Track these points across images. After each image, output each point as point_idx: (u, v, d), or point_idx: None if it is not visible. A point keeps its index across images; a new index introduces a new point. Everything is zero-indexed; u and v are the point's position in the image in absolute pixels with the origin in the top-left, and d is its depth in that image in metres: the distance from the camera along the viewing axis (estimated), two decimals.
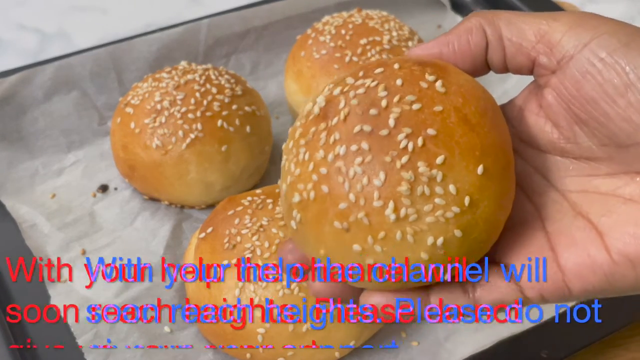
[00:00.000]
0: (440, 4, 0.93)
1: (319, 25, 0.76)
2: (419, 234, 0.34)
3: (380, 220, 0.34)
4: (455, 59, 0.38)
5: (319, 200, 0.35)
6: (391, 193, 0.34)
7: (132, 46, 0.78)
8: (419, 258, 0.34)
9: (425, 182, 0.34)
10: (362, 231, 0.34)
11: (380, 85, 0.36)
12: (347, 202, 0.34)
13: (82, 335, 0.56)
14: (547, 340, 0.55)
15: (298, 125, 0.38)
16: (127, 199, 0.69)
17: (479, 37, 0.37)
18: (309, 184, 0.36)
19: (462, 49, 0.38)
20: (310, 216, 0.36)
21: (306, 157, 0.36)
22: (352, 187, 0.34)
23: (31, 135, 0.73)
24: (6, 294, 0.60)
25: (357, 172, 0.34)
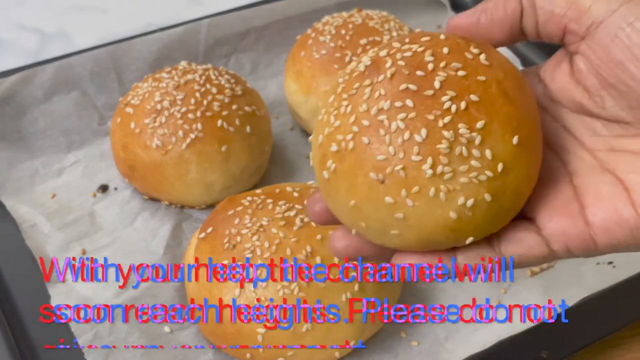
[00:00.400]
0: (440, 4, 0.93)
1: (319, 25, 0.76)
2: (451, 193, 0.35)
3: (417, 174, 0.35)
4: (493, 26, 0.39)
5: (357, 151, 0.36)
6: (430, 150, 0.35)
7: (132, 46, 0.78)
8: (447, 217, 0.35)
9: (464, 143, 0.35)
10: (397, 184, 0.35)
11: (428, 50, 0.37)
12: (386, 154, 0.35)
13: (82, 335, 0.56)
14: (547, 340, 0.55)
15: (340, 82, 0.39)
16: (127, 199, 0.69)
17: (514, 4, 0.39)
18: (349, 135, 0.36)
19: (499, 15, 0.39)
20: (345, 166, 0.36)
21: (348, 109, 0.37)
22: (393, 140, 0.35)
23: (31, 135, 0.73)
24: (6, 294, 0.60)
25: (400, 127, 0.35)
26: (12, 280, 0.61)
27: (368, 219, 0.36)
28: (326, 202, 0.39)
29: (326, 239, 0.54)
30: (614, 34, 0.35)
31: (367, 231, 0.37)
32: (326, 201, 0.39)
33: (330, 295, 0.52)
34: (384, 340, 0.57)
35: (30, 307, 0.59)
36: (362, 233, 0.38)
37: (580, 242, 0.36)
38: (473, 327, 0.57)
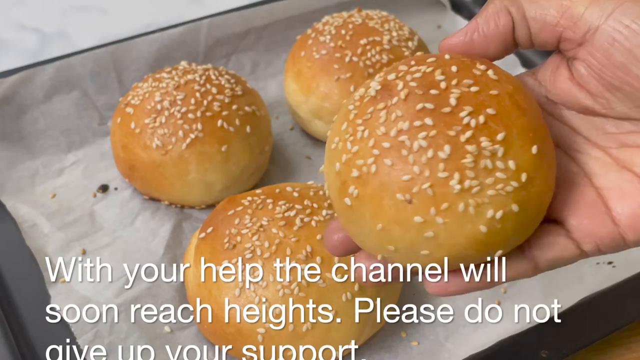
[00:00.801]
0: (440, 4, 0.93)
1: (319, 25, 0.76)
2: (480, 207, 0.35)
3: (445, 191, 0.35)
4: (487, 42, 0.39)
5: (380, 174, 0.36)
6: (456, 165, 0.35)
7: (132, 46, 0.78)
8: (477, 231, 0.35)
9: (487, 156, 0.35)
10: (425, 202, 0.35)
11: (437, 70, 0.38)
12: (411, 174, 0.35)
13: (82, 335, 0.56)
14: (547, 340, 0.55)
15: (351, 108, 0.39)
16: (127, 199, 0.69)
17: (505, 18, 0.39)
18: (370, 159, 0.36)
19: (491, 32, 0.39)
20: (369, 190, 0.36)
21: (365, 134, 0.37)
22: (417, 159, 0.35)
23: (31, 135, 0.73)
24: (6, 293, 0.60)
25: (422, 145, 0.35)
26: (12, 280, 0.61)
27: (397, 241, 0.36)
28: (347, 230, 0.39)
29: None
30: (613, 38, 0.35)
31: (395, 254, 0.37)
32: (347, 229, 0.39)
33: (330, 295, 0.52)
34: (384, 340, 0.57)
35: (31, 307, 0.59)
36: (390, 257, 0.37)
37: (610, 241, 0.36)
38: (473, 327, 0.58)
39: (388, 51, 0.71)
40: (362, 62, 0.71)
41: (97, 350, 0.55)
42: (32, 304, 0.59)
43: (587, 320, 0.57)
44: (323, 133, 0.74)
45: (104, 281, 0.61)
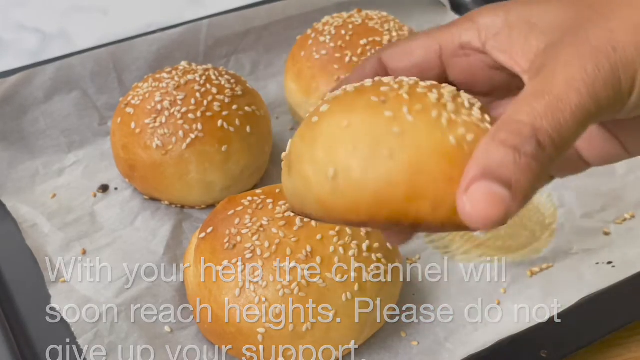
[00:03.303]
0: (440, 4, 0.93)
1: (319, 26, 0.76)
2: (453, 123, 0.33)
3: (421, 99, 0.34)
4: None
5: (358, 89, 0.36)
6: (436, 90, 0.36)
7: (133, 46, 0.78)
8: (446, 141, 0.33)
9: (465, 99, 0.36)
10: (399, 101, 0.34)
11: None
12: (390, 87, 0.35)
13: (82, 335, 0.56)
14: (547, 340, 0.55)
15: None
16: (128, 199, 0.69)
17: (372, 64, 0.42)
18: (351, 88, 0.37)
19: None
20: (343, 99, 0.36)
21: (349, 89, 0.37)
22: (398, 81, 0.36)
23: (32, 135, 0.73)
24: (7, 293, 0.60)
25: (404, 79, 0.37)
26: (12, 280, 0.61)
27: (359, 139, 0.33)
28: (302, 156, 0.36)
29: (326, 238, 0.54)
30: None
31: (351, 160, 0.33)
32: (302, 155, 0.36)
33: (330, 295, 0.52)
34: (384, 340, 0.57)
35: (31, 307, 0.59)
36: (344, 166, 0.33)
37: None
38: (473, 327, 0.58)
39: None
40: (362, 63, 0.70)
41: (97, 350, 0.55)
42: (32, 304, 0.59)
43: (587, 320, 0.57)
44: None
45: (104, 281, 0.61)
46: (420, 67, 0.40)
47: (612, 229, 0.66)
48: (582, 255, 0.63)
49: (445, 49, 0.39)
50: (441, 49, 0.39)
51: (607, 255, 0.63)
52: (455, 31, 0.39)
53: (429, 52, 0.39)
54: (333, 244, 0.53)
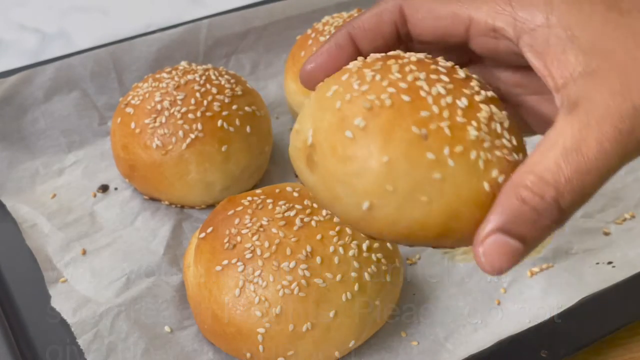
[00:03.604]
0: None
1: (319, 26, 0.76)
2: (488, 163, 0.34)
3: (462, 135, 0.34)
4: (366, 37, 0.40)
5: (397, 106, 0.34)
6: (473, 116, 0.34)
7: (132, 46, 0.78)
8: (480, 188, 0.33)
9: (497, 121, 0.35)
10: (442, 140, 0.33)
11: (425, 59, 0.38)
12: (430, 112, 0.34)
13: (82, 335, 0.56)
14: (547, 340, 0.55)
15: (351, 67, 0.37)
16: (128, 199, 0.69)
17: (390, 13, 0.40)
18: (384, 94, 0.35)
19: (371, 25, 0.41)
20: (382, 121, 0.34)
21: (377, 77, 0.36)
22: (436, 101, 0.34)
23: (32, 135, 0.73)
24: (7, 293, 0.60)
25: (441, 92, 0.35)
26: (12, 280, 0.61)
27: (399, 179, 0.33)
28: (324, 176, 0.35)
29: (326, 238, 0.54)
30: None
31: (389, 198, 0.33)
32: (325, 175, 0.35)
33: (330, 295, 0.52)
34: (384, 339, 0.57)
35: (31, 307, 0.59)
36: (380, 203, 0.33)
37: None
38: (473, 327, 0.58)
39: None
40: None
41: (97, 350, 0.55)
42: (32, 304, 0.59)
43: (587, 320, 0.57)
44: None
45: (104, 281, 0.61)
46: (443, 33, 0.38)
47: (612, 229, 0.66)
48: (582, 255, 0.63)
49: (475, 26, 0.37)
50: (470, 23, 0.37)
51: (607, 255, 0.63)
52: (490, 11, 0.37)
53: (457, 23, 0.38)
54: (333, 244, 0.53)
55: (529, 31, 0.35)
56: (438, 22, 0.38)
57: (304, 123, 0.37)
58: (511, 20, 0.36)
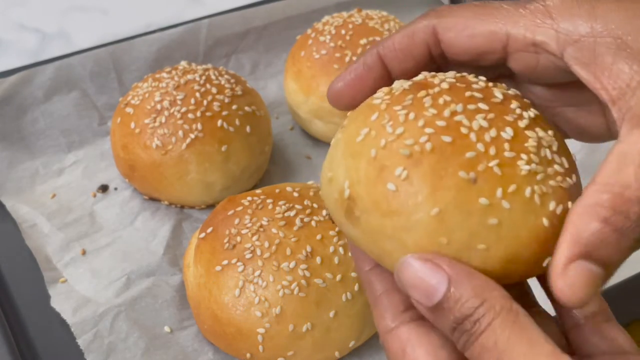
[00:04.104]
0: (440, 4, 0.93)
1: (319, 25, 0.76)
2: (544, 197, 0.31)
3: (512, 172, 0.31)
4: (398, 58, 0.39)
5: (439, 151, 0.31)
6: (521, 147, 0.32)
7: (132, 46, 0.78)
8: (540, 225, 0.31)
9: (546, 146, 0.33)
10: (493, 182, 0.31)
11: (463, 78, 0.36)
12: (476, 151, 0.31)
13: (82, 335, 0.56)
14: None
15: (378, 102, 0.35)
16: (127, 199, 0.69)
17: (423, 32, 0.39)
18: (423, 137, 0.32)
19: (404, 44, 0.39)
20: (425, 169, 0.31)
21: (411, 116, 0.33)
22: (480, 137, 0.32)
23: (31, 135, 0.73)
24: (7, 293, 0.60)
25: (483, 125, 0.32)
26: (12, 280, 0.61)
27: (453, 231, 0.31)
28: (379, 228, 0.32)
29: (326, 238, 0.54)
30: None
31: (444, 251, 0.31)
32: (373, 229, 0.32)
33: (330, 295, 0.52)
34: None
35: (30, 307, 0.59)
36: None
37: None
38: None
39: None
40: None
41: (97, 351, 0.55)
42: (32, 304, 0.59)
43: None
44: (323, 133, 0.74)
45: (104, 281, 0.61)
46: (480, 52, 0.36)
47: None
48: None
49: (514, 41, 0.35)
50: (508, 39, 0.35)
51: None
52: (528, 24, 0.34)
53: (493, 39, 0.35)
54: (333, 244, 0.53)
55: (573, 43, 0.33)
56: (474, 41, 0.36)
57: (336, 170, 0.34)
58: (553, 32, 0.34)
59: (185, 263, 0.58)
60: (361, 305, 0.53)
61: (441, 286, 0.30)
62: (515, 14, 0.35)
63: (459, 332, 0.30)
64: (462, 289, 0.30)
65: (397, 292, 0.34)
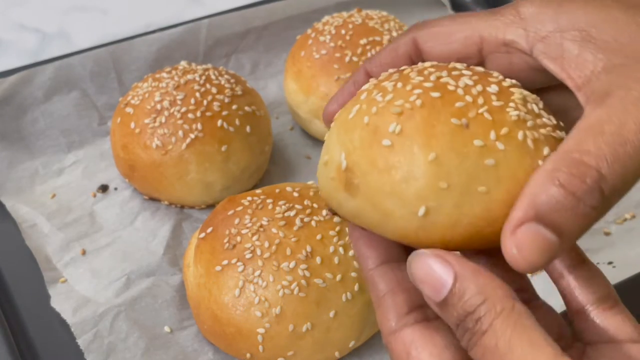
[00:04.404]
0: (440, 4, 0.93)
1: (319, 25, 0.76)
2: (537, 142, 0.32)
3: (503, 118, 0.32)
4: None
5: (429, 105, 0.33)
6: (507, 99, 0.33)
7: (132, 46, 0.78)
8: (537, 166, 0.31)
9: (531, 101, 0.34)
10: (484, 126, 0.32)
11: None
12: (464, 102, 0.33)
13: (82, 335, 0.56)
14: None
15: (366, 87, 0.36)
16: (127, 199, 0.69)
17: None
18: (412, 97, 0.33)
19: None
20: (417, 121, 0.32)
21: (399, 85, 0.34)
22: (467, 91, 0.33)
23: (31, 135, 0.73)
24: (6, 293, 0.60)
25: (468, 83, 0.34)
26: (12, 280, 0.61)
27: (451, 173, 0.31)
28: (379, 186, 0.32)
29: (326, 238, 0.54)
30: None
31: (445, 197, 0.31)
32: (380, 185, 0.32)
33: (330, 295, 0.52)
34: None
35: (30, 307, 0.59)
36: (437, 205, 0.31)
37: None
38: None
39: None
40: (362, 62, 0.71)
41: (96, 351, 0.55)
42: (32, 304, 0.59)
43: None
44: (323, 133, 0.73)
45: (104, 281, 0.61)
46: (458, 57, 0.38)
47: (613, 229, 0.66)
48: None
49: (487, 43, 0.37)
50: (482, 42, 0.37)
51: (607, 256, 0.63)
52: (499, 25, 0.36)
53: (468, 43, 0.37)
54: (333, 244, 0.53)
55: (541, 39, 0.34)
56: (451, 47, 0.37)
57: (332, 151, 0.35)
58: (522, 31, 0.35)
59: (185, 263, 0.58)
60: (361, 305, 0.53)
61: (448, 281, 0.30)
62: (489, 19, 0.37)
63: (462, 329, 0.30)
64: (466, 285, 0.30)
65: (401, 292, 0.34)
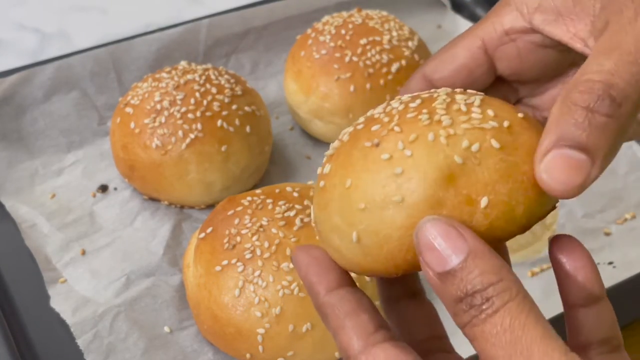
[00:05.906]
0: (440, 4, 0.93)
1: (319, 25, 0.76)
2: (453, 137, 0.31)
3: (413, 126, 0.31)
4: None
5: (352, 137, 0.33)
6: (427, 107, 0.32)
7: (132, 46, 0.78)
8: (452, 162, 0.30)
9: (459, 102, 0.33)
10: (393, 139, 0.31)
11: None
12: (380, 123, 0.33)
13: (81, 336, 0.56)
14: None
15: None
16: (127, 199, 0.69)
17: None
18: (345, 136, 0.34)
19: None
20: (341, 156, 0.33)
21: (345, 137, 0.35)
22: (388, 114, 0.33)
23: (31, 135, 0.73)
24: (6, 294, 0.60)
25: (394, 106, 0.34)
26: (12, 280, 0.61)
27: (367, 193, 0.31)
28: (322, 225, 0.33)
29: None
30: None
31: (366, 214, 0.31)
32: (322, 224, 0.33)
33: None
34: None
35: (30, 307, 0.59)
36: (363, 228, 0.31)
37: None
38: None
39: (388, 51, 0.71)
40: (362, 62, 0.71)
41: (96, 351, 0.55)
42: (31, 304, 0.59)
43: None
44: (323, 133, 0.74)
45: (104, 281, 0.61)
46: (466, 68, 0.38)
47: (613, 229, 0.66)
48: None
49: (489, 41, 0.37)
50: (484, 43, 0.37)
51: (607, 256, 0.63)
52: (495, 19, 0.37)
53: (473, 50, 0.37)
54: None
55: (535, 11, 0.35)
56: (457, 63, 0.38)
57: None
58: (516, 13, 0.36)
59: (185, 263, 0.58)
60: None
61: (459, 254, 0.29)
62: (482, 21, 0.38)
63: (465, 305, 0.29)
64: (481, 262, 0.29)
65: (363, 312, 0.33)
